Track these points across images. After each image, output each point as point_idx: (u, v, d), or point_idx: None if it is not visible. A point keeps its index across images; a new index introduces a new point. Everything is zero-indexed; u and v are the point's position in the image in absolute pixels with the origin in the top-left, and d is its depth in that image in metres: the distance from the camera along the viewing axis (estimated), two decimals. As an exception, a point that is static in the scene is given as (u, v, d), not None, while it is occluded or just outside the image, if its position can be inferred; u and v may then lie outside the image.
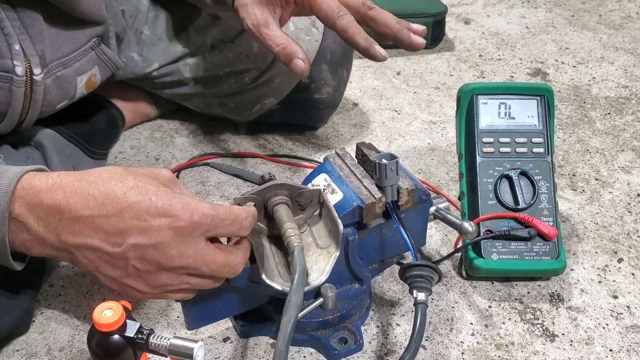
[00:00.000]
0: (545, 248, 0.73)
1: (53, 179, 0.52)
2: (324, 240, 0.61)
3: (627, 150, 1.00)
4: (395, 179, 0.64)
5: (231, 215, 0.53)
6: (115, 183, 0.51)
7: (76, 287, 0.76)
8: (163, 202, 0.51)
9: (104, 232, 0.51)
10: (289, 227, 0.57)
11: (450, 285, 0.76)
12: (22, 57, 0.70)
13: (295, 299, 0.52)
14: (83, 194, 0.51)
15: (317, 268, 0.60)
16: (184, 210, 0.51)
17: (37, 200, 0.51)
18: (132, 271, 0.53)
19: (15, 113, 0.73)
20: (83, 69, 0.77)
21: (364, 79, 1.21)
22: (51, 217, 0.52)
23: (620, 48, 1.30)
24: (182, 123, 1.07)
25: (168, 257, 0.52)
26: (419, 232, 0.72)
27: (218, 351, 0.68)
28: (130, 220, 0.50)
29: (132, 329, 0.53)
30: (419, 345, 0.59)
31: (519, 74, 1.22)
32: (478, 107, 0.79)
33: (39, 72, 0.71)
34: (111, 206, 0.50)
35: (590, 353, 0.68)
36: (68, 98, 0.79)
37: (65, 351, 0.68)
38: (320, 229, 0.62)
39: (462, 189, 0.79)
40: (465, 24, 1.42)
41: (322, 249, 0.61)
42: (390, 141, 1.03)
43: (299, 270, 0.54)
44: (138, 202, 0.50)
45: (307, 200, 0.61)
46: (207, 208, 0.52)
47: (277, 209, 0.59)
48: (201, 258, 0.53)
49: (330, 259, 0.59)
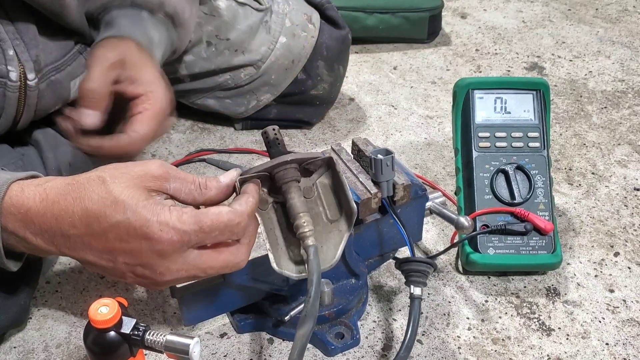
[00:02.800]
0: (541, 242, 0.74)
1: (40, 195, 0.52)
2: (333, 211, 0.59)
3: (623, 144, 1.00)
4: (391, 174, 0.64)
5: (219, 224, 0.51)
6: (97, 198, 0.50)
7: (73, 283, 0.76)
8: (141, 223, 0.49)
9: (96, 250, 0.52)
10: (303, 219, 0.54)
11: (446, 280, 0.76)
12: (16, 62, 0.70)
13: (312, 311, 0.52)
14: (68, 212, 0.51)
15: (326, 247, 0.58)
16: (161, 233, 0.49)
17: (29, 219, 0.52)
18: (131, 277, 0.54)
19: (9, 117, 0.73)
20: (75, 72, 0.78)
21: (360, 74, 1.21)
22: (46, 234, 0.53)
23: (617, 42, 1.30)
24: (179, 119, 1.07)
25: (158, 274, 0.52)
26: (415, 227, 0.72)
27: (215, 347, 0.68)
28: (115, 242, 0.50)
29: (128, 326, 0.53)
30: (414, 339, 0.60)
31: (516, 69, 1.22)
32: (474, 102, 0.79)
33: (33, 78, 0.72)
34: (96, 226, 0.50)
35: (586, 347, 0.68)
36: (62, 102, 0.79)
37: (62, 348, 0.68)
38: (329, 198, 0.59)
39: (459, 184, 0.79)
40: (462, 18, 1.41)
41: (332, 223, 0.59)
42: (386, 136, 1.03)
43: (315, 280, 0.52)
44: (118, 222, 0.49)
45: (317, 167, 0.58)
46: (189, 223, 0.50)
47: (289, 191, 0.55)
48: (195, 267, 0.52)
49: (341, 239, 0.57)
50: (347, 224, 0.57)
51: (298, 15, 0.96)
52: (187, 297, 0.61)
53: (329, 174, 0.59)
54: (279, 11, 0.96)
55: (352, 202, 0.56)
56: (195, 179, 0.54)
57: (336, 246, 0.57)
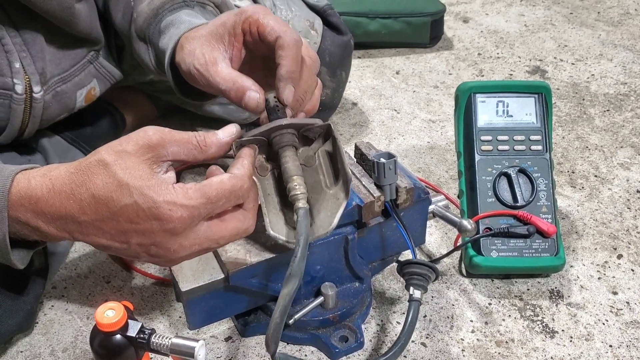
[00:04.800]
0: (544, 245, 0.74)
1: (46, 185, 0.53)
2: (331, 180, 0.59)
3: (626, 147, 1.00)
4: (393, 178, 0.64)
5: (224, 192, 0.51)
6: (102, 184, 0.51)
7: (79, 288, 0.77)
8: (149, 205, 0.50)
9: (108, 233, 0.52)
10: (295, 181, 0.54)
11: (450, 282, 0.76)
12: (22, 75, 0.70)
13: (296, 271, 0.52)
14: (76, 200, 0.51)
15: (324, 214, 0.57)
16: (170, 212, 0.50)
17: (39, 210, 0.53)
18: (147, 257, 0.54)
19: (15, 128, 0.73)
20: (82, 83, 0.78)
21: (363, 79, 1.21)
22: (58, 222, 0.53)
23: (619, 45, 1.30)
24: (182, 124, 1.07)
25: (172, 252, 0.52)
26: (418, 230, 0.72)
27: (220, 350, 0.69)
28: (126, 224, 0.51)
29: (134, 329, 0.54)
30: (407, 340, 0.60)
31: (518, 72, 1.22)
32: (476, 106, 0.80)
33: (39, 90, 0.72)
34: (105, 211, 0.51)
35: (590, 349, 0.68)
36: (67, 111, 0.79)
37: (68, 352, 0.69)
38: (329, 167, 0.59)
39: (461, 187, 0.79)
40: (464, 23, 1.42)
41: (330, 189, 0.58)
42: (389, 140, 1.03)
43: (303, 241, 0.52)
44: (126, 206, 0.50)
45: (316, 135, 0.58)
46: (196, 197, 0.50)
47: (283, 155, 0.55)
48: (207, 240, 0.53)
49: (339, 207, 0.57)
50: (345, 192, 0.57)
51: (301, 21, 0.96)
52: (192, 301, 0.62)
53: (330, 143, 0.58)
54: (282, 18, 0.96)
55: (347, 169, 0.56)
56: (193, 139, 0.53)
57: (334, 213, 0.57)
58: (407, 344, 0.61)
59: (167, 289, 0.76)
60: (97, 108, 0.97)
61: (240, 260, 0.61)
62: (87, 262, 0.80)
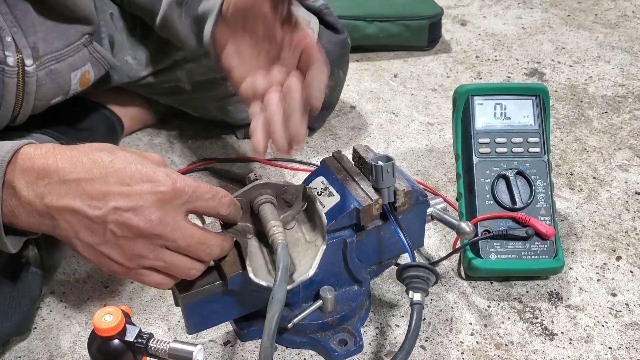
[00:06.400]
0: (543, 247, 0.74)
1: (47, 148, 0.55)
2: (311, 235, 0.63)
3: (624, 149, 1.00)
4: (391, 181, 0.64)
5: (212, 190, 0.56)
6: (104, 153, 0.54)
7: (77, 293, 0.76)
8: (147, 169, 0.53)
9: (87, 195, 0.53)
10: (273, 225, 0.58)
11: (449, 285, 0.76)
12: (13, 48, 0.71)
13: (278, 295, 0.54)
14: (73, 159, 0.53)
15: (305, 262, 0.60)
16: (166, 178, 0.53)
17: (30, 164, 0.53)
18: (109, 237, 0.53)
19: (9, 106, 0.74)
20: (76, 64, 0.78)
21: (361, 82, 1.21)
22: (40, 181, 0.53)
23: (617, 47, 1.30)
24: (181, 128, 1.07)
25: (147, 221, 0.53)
26: (416, 233, 0.72)
27: (218, 355, 0.68)
28: (114, 185, 0.52)
29: (132, 334, 0.54)
30: (413, 345, 0.60)
31: (516, 75, 1.22)
32: (474, 108, 0.80)
33: (31, 64, 0.72)
34: (97, 171, 0.53)
35: (589, 351, 0.68)
36: (62, 93, 0.80)
37: (66, 357, 0.69)
38: (308, 225, 0.63)
39: (460, 190, 0.79)
40: (462, 26, 1.42)
41: (310, 242, 0.62)
42: (388, 143, 1.03)
43: (282, 267, 0.55)
44: (123, 168, 0.53)
45: (293, 197, 0.63)
46: (190, 180, 0.55)
47: (261, 208, 0.60)
48: (179, 229, 0.54)
49: (317, 252, 0.60)
50: (322, 236, 0.61)
51: (297, 19, 0.96)
52: (191, 305, 0.62)
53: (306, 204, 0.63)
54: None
55: (322, 214, 0.61)
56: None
57: (313, 258, 0.60)
58: (412, 349, 0.60)
59: (166, 293, 0.76)
60: (94, 112, 0.97)
61: (238, 265, 0.61)
62: (85, 267, 0.80)
